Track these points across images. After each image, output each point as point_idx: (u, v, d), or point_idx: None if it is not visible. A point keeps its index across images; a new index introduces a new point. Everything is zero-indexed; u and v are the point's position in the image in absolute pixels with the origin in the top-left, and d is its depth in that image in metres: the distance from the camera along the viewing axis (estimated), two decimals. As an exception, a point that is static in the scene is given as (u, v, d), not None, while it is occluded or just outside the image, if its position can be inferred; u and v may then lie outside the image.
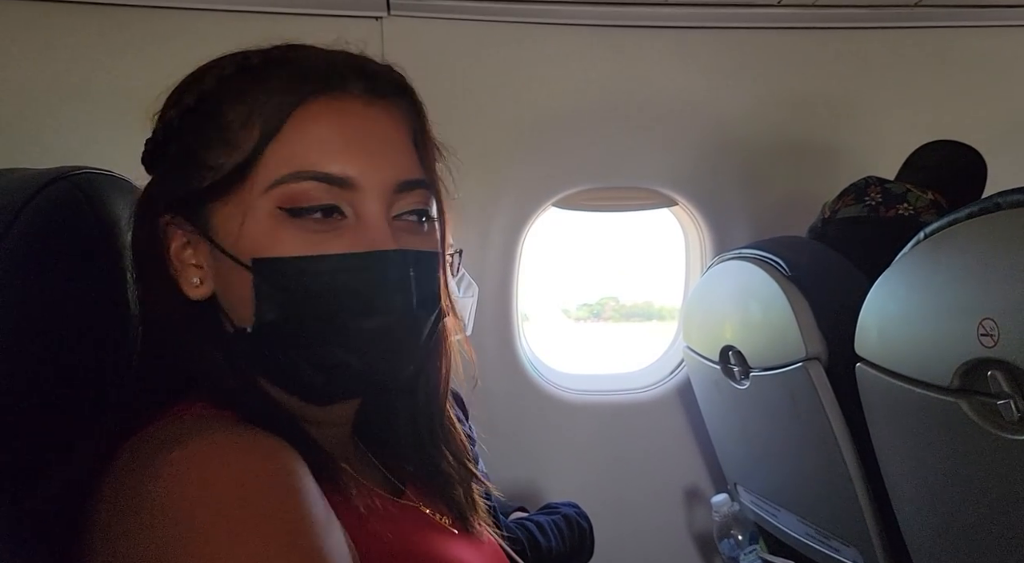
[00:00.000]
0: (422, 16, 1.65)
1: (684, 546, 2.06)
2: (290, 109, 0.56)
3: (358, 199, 0.57)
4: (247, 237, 0.56)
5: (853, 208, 1.51)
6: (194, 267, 0.59)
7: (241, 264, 0.56)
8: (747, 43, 1.80)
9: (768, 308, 1.41)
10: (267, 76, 0.57)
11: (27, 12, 1.51)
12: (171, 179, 0.59)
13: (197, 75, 0.60)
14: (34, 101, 1.55)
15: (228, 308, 0.59)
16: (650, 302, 3.79)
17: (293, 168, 0.55)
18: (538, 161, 1.86)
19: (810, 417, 1.34)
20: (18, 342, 0.51)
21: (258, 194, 0.56)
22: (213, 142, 0.57)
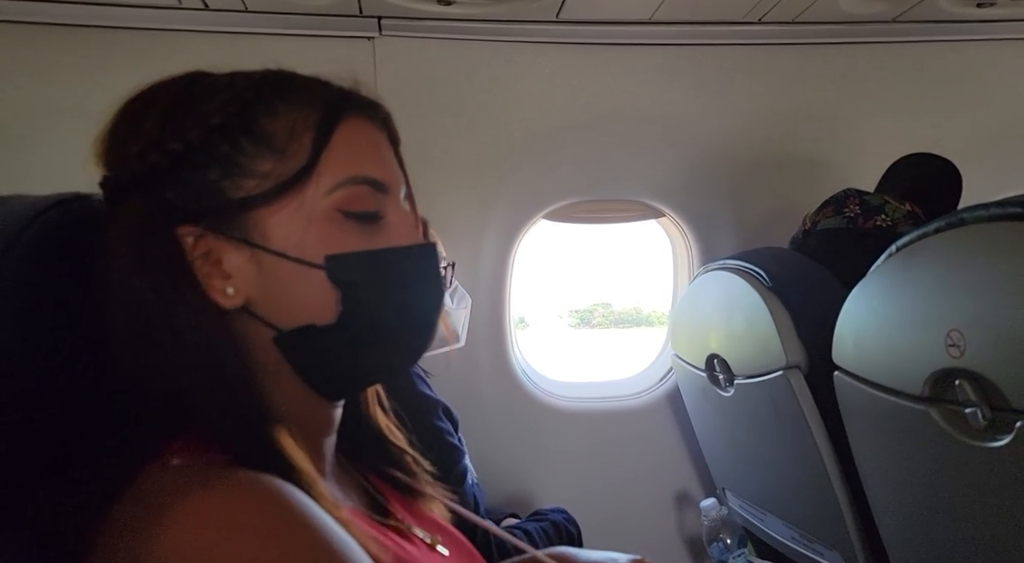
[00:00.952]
0: (413, 36, 1.69)
1: (674, 550, 2.09)
2: (336, 122, 0.62)
3: (389, 202, 0.64)
4: (315, 239, 0.60)
5: (833, 220, 1.54)
6: (221, 277, 0.60)
7: (309, 264, 0.60)
8: (731, 59, 1.84)
9: (751, 318, 1.45)
10: (296, 93, 0.62)
11: (27, 34, 1.55)
12: (194, 192, 0.60)
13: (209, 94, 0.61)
14: (34, 121, 1.59)
15: (273, 312, 0.61)
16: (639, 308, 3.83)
17: (349, 173, 0.61)
18: (528, 175, 1.90)
19: (791, 424, 1.38)
20: (17, 365, 0.52)
21: (320, 197, 0.60)
22: (258, 152, 0.60)
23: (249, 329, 0.61)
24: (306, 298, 0.60)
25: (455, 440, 1.37)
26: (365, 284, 0.61)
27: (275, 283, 0.60)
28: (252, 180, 0.59)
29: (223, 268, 0.60)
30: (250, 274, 0.60)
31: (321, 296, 0.60)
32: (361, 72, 1.78)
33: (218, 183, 0.59)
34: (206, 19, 1.56)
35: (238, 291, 0.60)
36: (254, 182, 0.59)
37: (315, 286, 0.60)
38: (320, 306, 0.60)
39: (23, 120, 1.60)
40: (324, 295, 0.60)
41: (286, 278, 0.60)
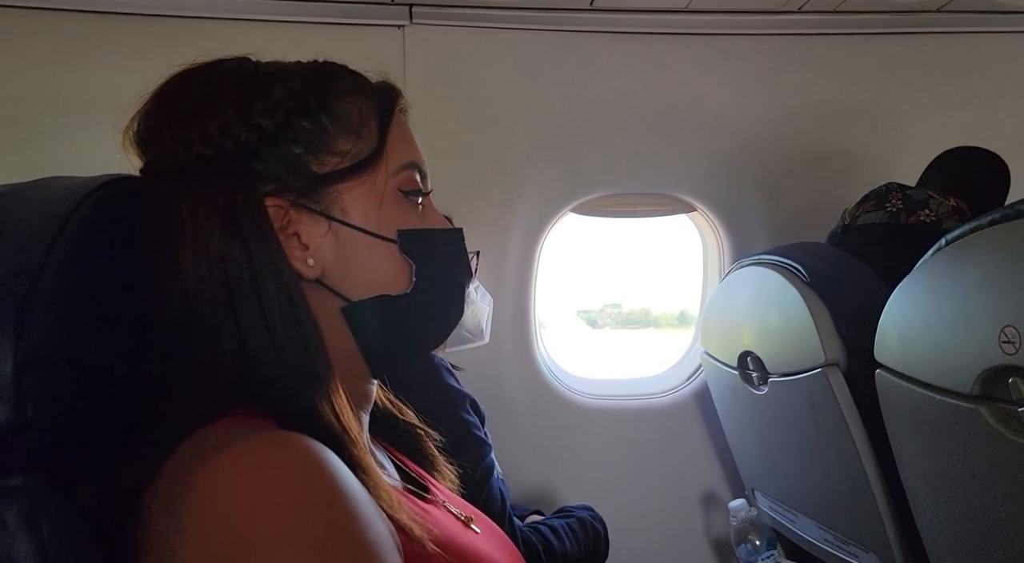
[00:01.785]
0: (443, 24, 1.67)
1: (701, 550, 2.06)
2: (393, 109, 0.68)
3: (424, 187, 0.70)
4: (386, 215, 0.65)
5: (874, 214, 1.51)
6: (300, 248, 0.62)
7: (384, 238, 0.65)
8: (768, 50, 1.80)
9: (787, 314, 1.42)
10: (362, 82, 0.68)
11: (59, 22, 1.55)
12: (282, 164, 0.62)
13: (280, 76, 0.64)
14: (67, 109, 1.59)
15: (349, 284, 0.64)
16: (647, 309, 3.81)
17: (407, 158, 0.67)
18: (557, 167, 1.88)
19: (829, 423, 1.34)
20: (71, 344, 0.52)
21: (388, 177, 0.66)
22: (339, 131, 0.64)
23: (319, 299, 0.64)
24: (380, 269, 0.65)
25: (482, 434, 1.35)
26: (429, 258, 0.67)
27: (351, 255, 0.64)
28: (334, 157, 0.64)
29: (301, 240, 0.63)
30: (327, 246, 0.64)
31: (394, 267, 0.66)
32: (390, 61, 1.78)
33: (303, 158, 0.63)
34: (239, 6, 1.56)
35: (316, 262, 0.63)
36: (336, 159, 0.64)
37: (388, 258, 0.65)
38: (393, 277, 0.66)
39: (56, 109, 1.60)
40: (396, 266, 0.66)
41: (362, 250, 0.64)
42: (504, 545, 0.75)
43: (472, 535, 0.70)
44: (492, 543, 0.72)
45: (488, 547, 0.69)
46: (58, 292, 0.52)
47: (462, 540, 0.65)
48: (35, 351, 0.49)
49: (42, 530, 0.48)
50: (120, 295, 0.59)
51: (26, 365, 0.49)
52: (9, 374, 0.48)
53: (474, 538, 0.69)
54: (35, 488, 0.49)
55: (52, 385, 0.50)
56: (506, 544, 0.76)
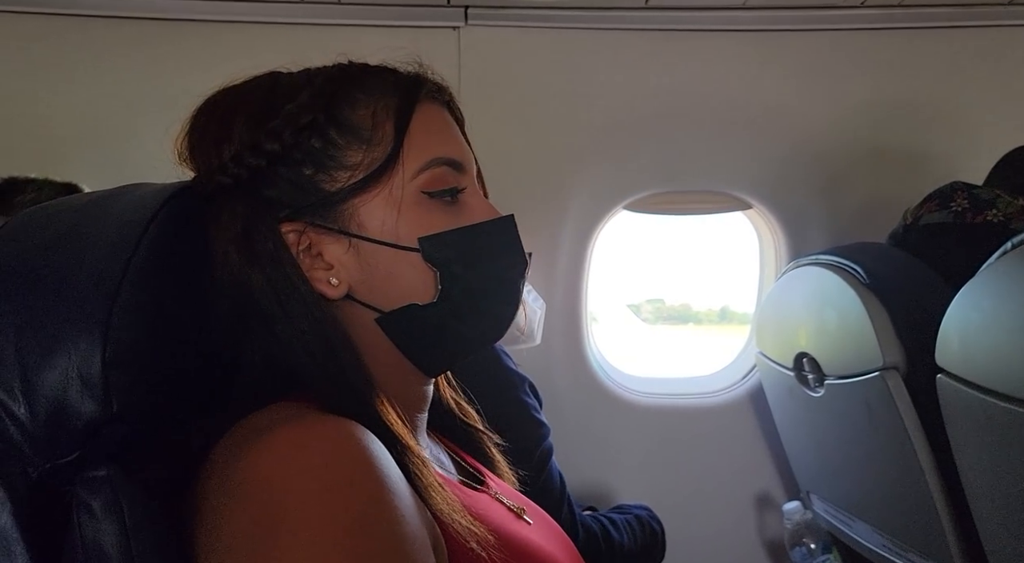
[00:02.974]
0: (498, 25, 1.69)
1: (754, 552, 2.04)
2: (413, 106, 0.65)
3: (465, 179, 0.67)
4: (406, 222, 0.63)
5: (937, 214, 1.46)
6: (322, 269, 0.64)
7: (405, 248, 0.63)
8: (828, 46, 1.77)
9: (844, 315, 1.40)
10: (370, 82, 0.65)
11: (128, 29, 1.62)
12: (294, 187, 0.63)
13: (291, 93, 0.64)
14: (138, 113, 1.67)
15: (376, 296, 0.64)
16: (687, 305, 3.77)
17: (430, 156, 0.64)
18: (610, 164, 1.88)
19: (887, 427, 1.32)
20: (149, 344, 0.56)
21: (406, 182, 0.63)
22: (347, 143, 0.63)
23: (352, 313, 0.65)
24: (405, 280, 0.64)
25: (541, 416, 1.37)
26: (458, 260, 0.64)
27: (374, 269, 0.63)
28: (345, 172, 0.63)
29: (325, 259, 0.64)
30: (350, 263, 0.64)
31: (419, 276, 0.64)
32: (445, 61, 1.81)
33: (313, 178, 0.63)
34: (302, 12, 1.61)
35: (341, 281, 0.64)
36: (347, 173, 0.63)
37: (412, 267, 0.63)
38: (419, 286, 0.64)
39: (127, 112, 1.68)
40: (421, 275, 0.64)
41: (384, 263, 0.63)
42: (557, 536, 0.76)
43: (524, 526, 0.71)
44: (544, 534, 0.73)
45: (539, 538, 0.70)
46: (138, 296, 0.55)
47: (512, 530, 0.67)
48: (119, 350, 0.53)
49: (124, 516, 0.51)
50: (188, 298, 0.63)
51: (112, 363, 0.52)
52: (98, 372, 0.52)
53: (526, 529, 0.71)
54: (117, 477, 0.52)
55: (134, 382, 0.54)
56: (559, 535, 0.77)
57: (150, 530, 0.52)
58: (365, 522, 0.48)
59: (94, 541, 0.50)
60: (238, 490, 0.50)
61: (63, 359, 0.52)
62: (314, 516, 0.47)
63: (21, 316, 0.53)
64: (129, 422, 0.54)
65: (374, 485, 0.50)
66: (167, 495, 0.56)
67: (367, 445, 0.53)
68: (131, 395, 0.53)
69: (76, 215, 0.60)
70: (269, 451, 0.51)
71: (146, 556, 0.51)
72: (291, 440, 0.52)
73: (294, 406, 0.58)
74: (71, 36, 1.62)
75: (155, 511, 0.53)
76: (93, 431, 0.52)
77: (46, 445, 0.52)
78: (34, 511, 0.52)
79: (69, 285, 0.54)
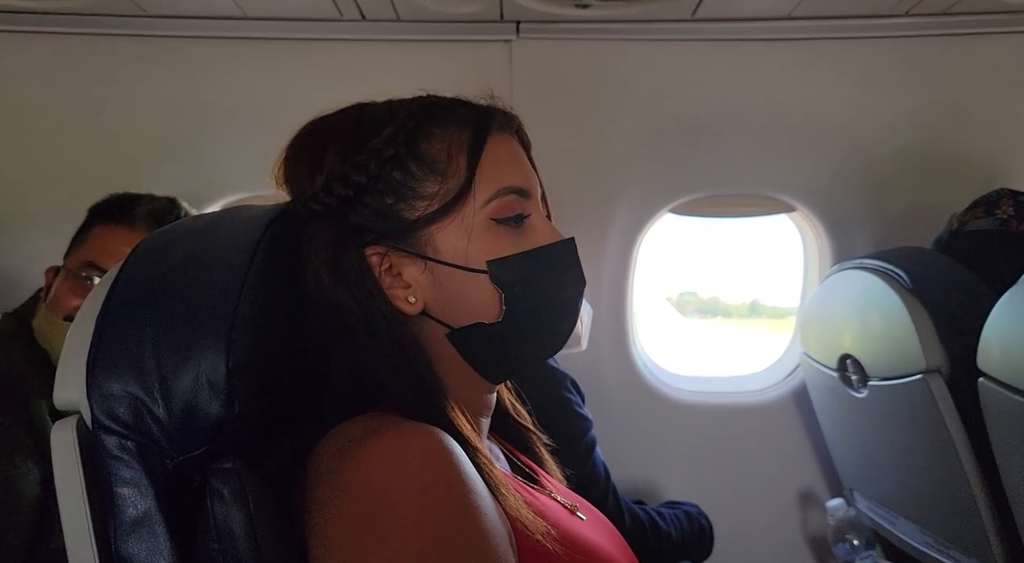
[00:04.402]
0: (548, 38, 1.75)
1: (798, 548, 2.07)
2: (484, 140, 0.71)
3: (531, 205, 0.73)
4: (476, 247, 0.70)
5: (983, 221, 1.48)
6: (402, 288, 0.71)
7: (474, 270, 0.70)
8: (873, 53, 1.78)
9: (888, 319, 1.43)
10: (446, 117, 0.72)
11: (208, 47, 1.73)
12: (378, 215, 0.70)
13: (375, 127, 0.72)
14: (218, 123, 1.78)
15: (448, 313, 0.71)
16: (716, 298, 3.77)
17: (499, 185, 0.70)
18: (656, 169, 1.92)
19: (930, 429, 1.35)
20: (263, 354, 0.64)
21: (477, 210, 0.70)
22: (425, 175, 0.70)
23: (427, 328, 0.72)
24: (474, 299, 0.70)
25: (584, 411, 1.44)
26: (522, 282, 0.70)
27: (447, 289, 0.70)
28: (423, 202, 0.70)
29: (404, 279, 0.71)
30: (425, 283, 0.71)
31: (486, 297, 0.70)
32: (498, 74, 1.86)
33: (395, 206, 0.70)
34: (363, 29, 1.69)
35: (418, 299, 0.71)
36: (424, 203, 0.70)
37: (481, 288, 0.70)
38: (486, 305, 0.70)
39: (203, 122, 1.79)
40: (489, 296, 0.70)
41: (456, 284, 0.70)
42: (608, 531, 0.81)
43: (578, 522, 0.77)
44: (597, 529, 0.79)
45: (593, 533, 0.76)
46: (251, 312, 0.64)
47: (568, 526, 0.72)
48: (240, 360, 0.61)
49: (249, 502, 0.60)
50: (288, 314, 0.70)
51: (235, 371, 0.61)
52: (223, 378, 0.60)
53: (580, 525, 0.76)
54: (241, 469, 0.61)
55: (252, 387, 0.62)
56: (610, 530, 0.82)
57: (270, 515, 0.61)
58: (458, 517, 0.56)
59: (224, 523, 0.59)
60: (343, 490, 0.58)
61: (194, 367, 0.60)
62: (414, 513, 0.55)
63: (159, 329, 0.61)
64: (248, 422, 0.62)
65: (462, 485, 0.58)
66: (278, 488, 0.64)
67: (452, 449, 0.60)
68: (250, 398, 0.62)
69: (194, 240, 0.69)
70: (370, 456, 0.59)
71: (267, 538, 0.59)
72: (389, 446, 0.59)
73: (383, 415, 0.66)
74: (144, 56, 1.73)
75: (273, 500, 0.62)
76: (219, 429, 0.61)
77: (180, 440, 0.60)
78: (171, 497, 0.61)
79: (197, 302, 0.63)
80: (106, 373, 0.60)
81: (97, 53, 1.72)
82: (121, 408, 0.60)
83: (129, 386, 0.60)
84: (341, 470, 0.59)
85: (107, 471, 0.60)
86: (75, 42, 1.69)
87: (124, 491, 0.59)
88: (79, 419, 0.62)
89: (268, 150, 0.78)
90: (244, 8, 1.60)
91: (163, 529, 0.59)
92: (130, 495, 0.59)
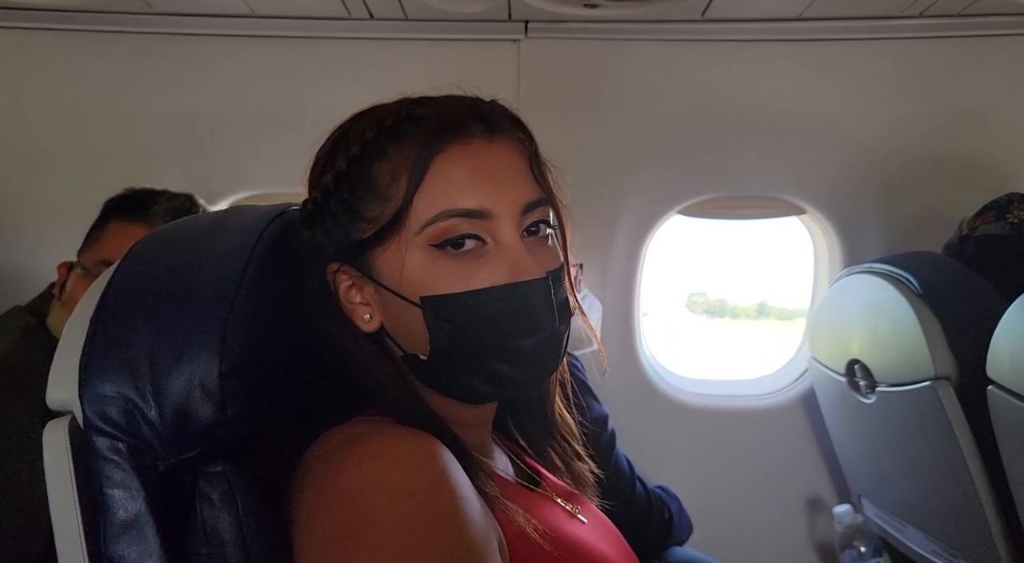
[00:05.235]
0: (556, 38, 1.74)
1: (804, 554, 2.06)
2: (429, 159, 0.64)
3: (494, 226, 0.66)
4: (408, 276, 0.65)
5: (994, 226, 1.47)
6: (362, 305, 0.70)
7: (409, 301, 0.66)
8: (885, 54, 1.76)
9: (897, 324, 1.41)
10: (403, 133, 0.66)
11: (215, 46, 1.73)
12: (334, 232, 0.69)
13: (338, 138, 0.70)
14: (218, 123, 1.78)
15: (397, 337, 0.70)
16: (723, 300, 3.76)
17: (438, 209, 0.64)
18: (664, 170, 1.91)
19: (938, 436, 1.34)
20: (256, 357, 0.63)
21: (411, 236, 0.65)
22: (368, 198, 0.66)
23: (391, 346, 0.71)
24: (412, 329, 0.67)
25: (603, 407, 1.44)
26: (453, 322, 0.65)
27: (391, 314, 0.69)
28: (366, 223, 0.66)
29: (363, 296, 0.70)
30: (376, 304, 0.69)
31: (419, 330, 0.66)
32: (506, 73, 1.85)
33: (346, 226, 0.68)
34: (371, 28, 1.68)
35: (373, 317, 0.70)
36: (367, 226, 0.66)
37: (414, 320, 0.66)
38: (420, 339, 0.67)
39: (216, 121, 1.80)
40: (421, 330, 0.66)
41: (396, 310, 0.68)
42: (610, 534, 0.80)
43: (577, 525, 0.76)
44: (597, 532, 0.78)
45: (591, 536, 0.75)
46: (248, 313, 0.63)
47: (565, 529, 0.72)
48: (233, 362, 0.61)
49: (238, 506, 0.60)
50: (288, 315, 0.70)
51: (227, 374, 0.60)
52: (215, 381, 0.60)
53: (578, 528, 0.75)
54: (231, 472, 0.61)
55: (245, 390, 0.62)
56: (612, 533, 0.81)
57: (259, 519, 0.60)
58: (442, 525, 0.55)
59: (213, 528, 0.59)
60: (331, 492, 0.57)
61: (187, 369, 0.60)
62: (399, 516, 0.54)
63: (153, 330, 0.61)
64: (240, 425, 0.62)
65: (448, 491, 0.57)
66: (268, 491, 0.64)
67: (439, 454, 0.60)
68: (243, 401, 0.61)
69: (191, 241, 0.69)
70: (359, 460, 0.58)
71: (256, 542, 0.59)
72: (377, 451, 0.59)
73: (374, 420, 0.66)
74: (152, 53, 1.73)
75: (262, 503, 0.62)
76: (211, 432, 0.60)
77: (172, 443, 0.60)
78: (162, 500, 0.60)
79: (192, 304, 0.62)
80: (99, 374, 0.60)
81: (106, 50, 1.72)
82: (113, 409, 0.59)
83: (122, 387, 0.60)
84: (326, 474, 0.59)
85: (98, 473, 0.59)
86: (84, 39, 1.70)
87: (115, 493, 0.59)
88: (71, 420, 0.62)
89: (275, 148, 0.78)
90: (252, 6, 1.60)
91: (153, 532, 0.59)
92: (121, 497, 0.59)
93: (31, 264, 1.72)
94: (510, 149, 0.68)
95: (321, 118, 0.74)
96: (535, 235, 0.70)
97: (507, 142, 0.68)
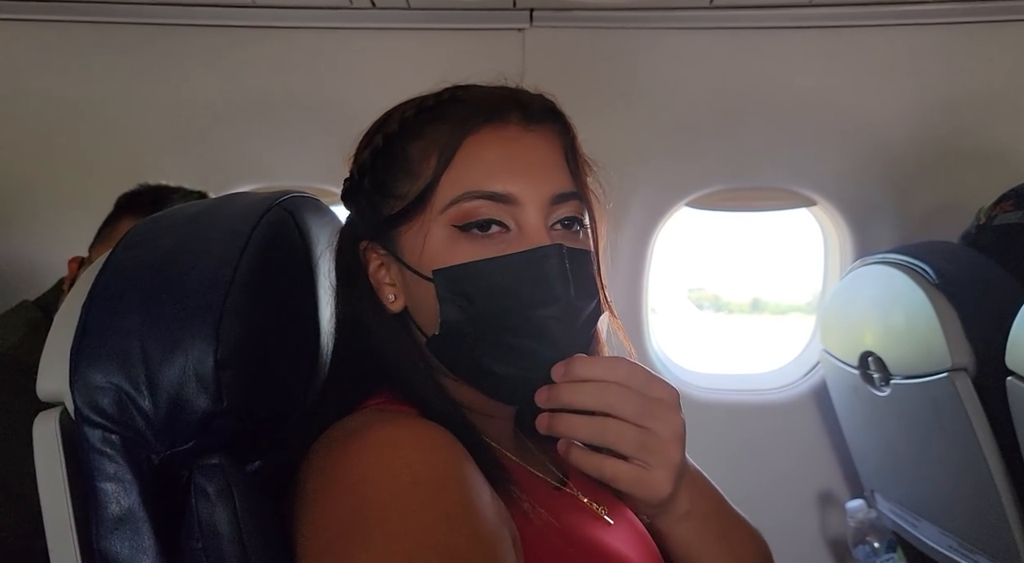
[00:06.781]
0: (562, 26, 1.72)
1: (816, 549, 2.03)
2: (460, 139, 0.65)
3: (519, 212, 0.65)
4: (428, 253, 0.65)
5: (1012, 214, 1.43)
6: (388, 285, 0.70)
7: (425, 277, 0.65)
8: (897, 40, 1.73)
9: (912, 315, 1.38)
10: (441, 114, 0.67)
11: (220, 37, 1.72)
12: (367, 210, 0.70)
13: (383, 120, 0.72)
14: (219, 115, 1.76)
15: (418, 318, 0.69)
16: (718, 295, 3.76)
17: (464, 189, 0.64)
18: (672, 161, 1.88)
19: (955, 429, 1.31)
20: (254, 346, 0.62)
21: (436, 215, 0.65)
22: (400, 175, 0.68)
23: (415, 331, 0.70)
24: (428, 308, 0.66)
25: None
26: (469, 293, 0.64)
27: (413, 293, 0.68)
28: (396, 200, 0.67)
29: (391, 276, 0.70)
30: (400, 284, 0.69)
31: (435, 306, 0.65)
32: (510, 62, 1.84)
33: (378, 203, 0.69)
34: (373, 17, 1.66)
35: (397, 297, 0.70)
36: (396, 202, 0.67)
37: (431, 297, 0.65)
38: (436, 316, 0.66)
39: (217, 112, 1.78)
40: (436, 305, 0.66)
41: (417, 289, 0.67)
42: (638, 538, 0.76)
43: (601, 525, 0.72)
44: (622, 535, 0.73)
45: (616, 539, 0.71)
46: (244, 301, 0.61)
47: (585, 529, 0.69)
48: (229, 351, 0.59)
49: (234, 499, 0.58)
50: (286, 303, 0.69)
51: (223, 364, 0.58)
52: (211, 371, 0.58)
53: (602, 529, 0.72)
54: (228, 465, 0.59)
55: (242, 380, 0.60)
56: (641, 536, 0.76)
57: (257, 514, 0.58)
58: (450, 517, 0.53)
59: (209, 521, 0.57)
60: (336, 483, 0.56)
61: (181, 358, 0.58)
62: (405, 507, 0.52)
63: (146, 319, 0.59)
64: (237, 417, 0.60)
65: (457, 482, 0.55)
66: (271, 486, 0.62)
67: (447, 444, 0.58)
68: (239, 392, 0.59)
69: (185, 228, 0.67)
70: (364, 449, 0.57)
71: (253, 537, 0.57)
72: (383, 439, 0.57)
73: (381, 409, 0.64)
74: (151, 44, 1.72)
75: (261, 498, 0.60)
76: (206, 424, 0.58)
77: (166, 434, 0.58)
78: (156, 493, 0.58)
79: (186, 291, 0.60)
80: (90, 363, 0.58)
81: (104, 41, 1.71)
82: (105, 400, 0.57)
83: (114, 377, 0.58)
84: (331, 465, 0.58)
85: (90, 465, 0.57)
86: (81, 30, 1.69)
87: (107, 486, 0.57)
88: (62, 411, 0.60)
89: (279, 139, 0.77)
90: (254, -3, 1.59)
91: (147, 527, 0.57)
92: (113, 491, 0.57)
93: (34, 257, 1.71)
94: (546, 140, 0.69)
95: (324, 109, 0.74)
96: (567, 230, 0.69)
97: (544, 133, 0.69)
